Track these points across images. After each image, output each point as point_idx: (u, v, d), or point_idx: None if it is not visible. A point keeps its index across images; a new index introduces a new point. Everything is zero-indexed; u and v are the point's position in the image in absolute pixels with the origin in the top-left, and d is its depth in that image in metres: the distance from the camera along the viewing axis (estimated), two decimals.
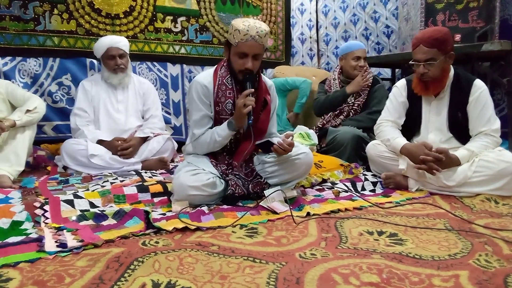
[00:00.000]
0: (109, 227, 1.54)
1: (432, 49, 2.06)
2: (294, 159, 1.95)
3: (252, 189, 1.92)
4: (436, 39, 2.06)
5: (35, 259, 1.24)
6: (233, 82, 1.94)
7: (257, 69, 1.90)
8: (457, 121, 2.17)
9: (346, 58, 2.96)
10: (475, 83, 2.14)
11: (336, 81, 3.03)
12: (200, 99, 1.93)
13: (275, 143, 1.87)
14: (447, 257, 1.26)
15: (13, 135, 2.29)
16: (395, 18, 4.00)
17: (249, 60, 1.84)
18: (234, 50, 1.86)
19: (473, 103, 2.13)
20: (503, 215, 1.74)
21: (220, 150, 1.99)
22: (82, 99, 2.73)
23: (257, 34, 1.80)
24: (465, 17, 2.97)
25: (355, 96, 2.91)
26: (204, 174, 1.85)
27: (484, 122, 2.11)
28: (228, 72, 1.94)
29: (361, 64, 2.91)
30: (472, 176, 2.00)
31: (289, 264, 1.20)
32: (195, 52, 3.69)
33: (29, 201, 1.76)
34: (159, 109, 2.97)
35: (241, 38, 1.81)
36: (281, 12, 4.16)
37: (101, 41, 2.73)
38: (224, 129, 1.89)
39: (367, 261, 1.22)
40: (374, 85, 2.92)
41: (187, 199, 1.80)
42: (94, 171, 2.46)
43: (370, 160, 2.40)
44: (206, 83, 1.93)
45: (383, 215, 1.75)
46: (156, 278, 1.10)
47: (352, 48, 2.95)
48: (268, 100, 2.00)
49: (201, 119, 1.95)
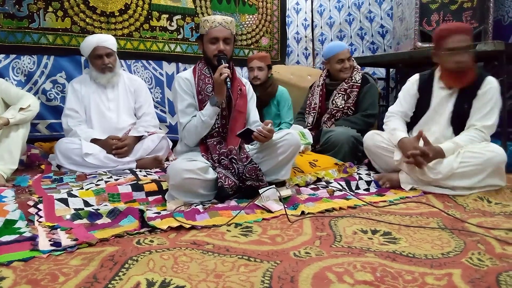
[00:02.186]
0: (104, 226, 1.54)
1: (470, 37, 2.18)
2: (280, 141, 2.01)
3: (247, 173, 1.94)
4: (470, 30, 2.19)
5: (28, 258, 1.23)
6: (210, 71, 2.11)
7: (229, 53, 2.07)
8: (461, 113, 2.19)
9: (330, 61, 2.94)
10: (487, 78, 2.18)
11: (319, 87, 2.99)
12: (183, 90, 2.10)
13: (255, 131, 1.91)
14: (440, 255, 1.27)
15: (7, 133, 2.27)
16: (390, 18, 4.02)
17: (220, 43, 2.04)
18: (206, 38, 2.07)
19: (479, 97, 2.16)
20: (496, 214, 1.76)
21: (210, 138, 2.05)
22: (72, 99, 2.71)
23: (223, 20, 2.05)
24: (459, 17, 2.99)
25: (345, 98, 2.88)
26: (198, 162, 1.91)
27: (480, 116, 2.14)
28: (205, 64, 2.14)
29: (345, 66, 2.89)
30: (458, 166, 2.04)
31: (284, 263, 1.20)
32: (190, 51, 3.68)
33: (22, 200, 1.75)
34: (151, 106, 2.95)
35: (210, 25, 2.04)
36: (277, 11, 4.16)
37: (88, 40, 2.69)
38: (207, 107, 2.01)
39: (361, 260, 1.23)
40: (363, 84, 2.89)
41: (182, 183, 1.82)
42: (88, 170, 2.45)
43: (367, 150, 2.45)
44: (187, 77, 2.13)
45: (377, 214, 1.76)
46: (150, 277, 1.10)
47: (334, 51, 2.90)
48: (243, 89, 2.18)
49: (186, 108, 2.09)
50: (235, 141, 2.05)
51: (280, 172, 2.05)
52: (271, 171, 2.04)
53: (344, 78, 2.91)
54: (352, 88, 2.89)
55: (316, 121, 2.98)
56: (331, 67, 2.95)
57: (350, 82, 2.90)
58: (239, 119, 2.12)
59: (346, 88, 2.89)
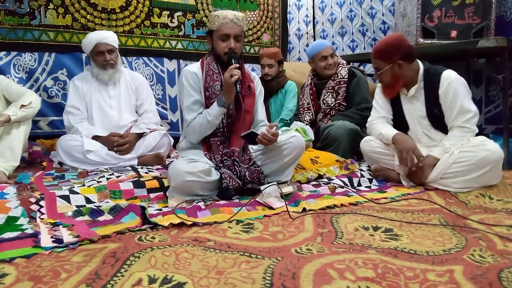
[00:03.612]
0: (105, 223, 1.54)
1: (375, 60, 2.27)
2: (285, 143, 1.99)
3: (249, 176, 1.93)
4: (377, 50, 2.25)
5: (30, 254, 1.23)
6: (219, 67, 2.07)
7: (239, 51, 2.03)
8: (436, 116, 2.21)
9: (314, 60, 2.97)
10: (442, 76, 2.18)
11: (309, 87, 3.04)
12: (190, 85, 2.04)
13: (259, 134, 1.89)
14: (441, 252, 1.27)
15: (8, 131, 2.27)
16: (392, 14, 4.00)
17: (231, 41, 1.98)
18: (216, 35, 2.01)
19: (442, 96, 2.17)
20: (497, 210, 1.75)
21: (214, 137, 2.03)
22: (73, 96, 2.71)
23: (234, 16, 1.99)
24: (461, 13, 2.97)
25: (334, 96, 2.90)
26: (200, 163, 1.89)
27: (455, 114, 2.14)
28: (214, 59, 2.08)
29: (329, 63, 2.91)
30: (450, 168, 2.06)
31: (285, 259, 1.20)
32: (191, 48, 3.67)
33: (24, 197, 1.75)
34: (153, 103, 2.95)
35: (221, 21, 1.98)
36: (278, 7, 4.15)
37: (89, 37, 2.69)
38: (214, 107, 1.97)
39: (362, 256, 1.23)
40: (351, 78, 2.90)
41: (183, 185, 1.81)
42: (90, 167, 2.45)
43: (364, 155, 2.46)
44: (195, 71, 2.07)
45: (378, 210, 1.76)
46: (152, 274, 1.10)
47: (316, 49, 2.93)
48: (251, 87, 2.12)
49: (192, 104, 2.03)
50: (238, 142, 2.01)
51: (283, 173, 2.04)
52: (274, 172, 2.03)
53: (330, 75, 2.93)
54: (340, 84, 2.90)
55: (314, 119, 3.01)
56: (316, 66, 2.98)
57: (337, 79, 2.91)
58: (246, 118, 2.08)
59: (334, 86, 2.92)
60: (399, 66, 2.20)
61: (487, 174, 2.02)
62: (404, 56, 2.18)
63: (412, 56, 2.21)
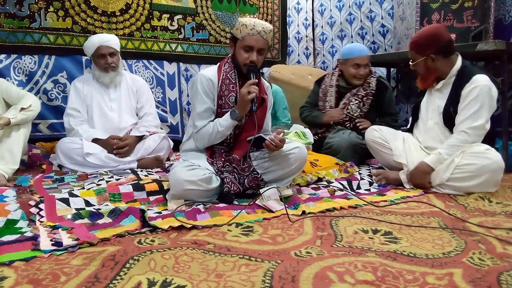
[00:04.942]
0: (105, 226, 1.54)
1: (410, 51, 2.27)
2: (288, 154, 1.98)
3: (248, 183, 1.93)
4: (413, 42, 2.25)
5: (30, 257, 1.23)
6: (236, 77, 2.00)
7: (260, 64, 1.97)
8: (449, 114, 2.20)
9: (345, 63, 2.82)
10: (473, 77, 2.11)
11: (333, 88, 2.90)
12: (204, 92, 1.98)
13: (267, 139, 1.89)
14: (441, 255, 1.27)
15: (8, 133, 2.27)
16: (391, 17, 4.01)
17: (254, 53, 1.92)
18: (240, 44, 1.93)
19: (463, 97, 2.13)
20: (497, 213, 1.75)
21: (218, 145, 2.01)
22: (74, 99, 2.71)
23: (262, 29, 1.91)
24: (460, 16, 2.99)
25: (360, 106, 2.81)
26: (200, 169, 1.87)
27: (465, 118, 2.11)
28: (232, 67, 2.01)
29: (360, 73, 2.78)
30: (449, 177, 2.07)
31: (285, 263, 1.20)
32: (191, 51, 3.68)
33: (24, 200, 1.75)
34: (153, 106, 2.95)
35: (248, 32, 1.90)
36: (278, 10, 4.16)
37: (91, 40, 2.70)
38: (226, 119, 1.93)
39: (362, 259, 1.23)
40: (382, 90, 2.82)
41: (183, 193, 1.81)
42: (89, 170, 2.45)
43: (368, 145, 2.53)
44: (211, 77, 2.00)
45: (378, 213, 1.76)
46: (151, 277, 1.10)
47: (352, 55, 2.78)
48: (265, 99, 2.05)
49: (204, 112, 1.99)
50: (241, 151, 1.98)
51: (283, 182, 2.03)
52: (274, 180, 2.01)
53: (356, 85, 2.82)
54: (368, 95, 2.82)
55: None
56: (346, 70, 2.83)
57: (368, 89, 2.82)
58: (254, 131, 1.98)
59: (363, 96, 2.82)
60: (432, 60, 2.17)
61: (485, 182, 2.02)
62: (439, 50, 2.14)
63: (449, 51, 2.17)
